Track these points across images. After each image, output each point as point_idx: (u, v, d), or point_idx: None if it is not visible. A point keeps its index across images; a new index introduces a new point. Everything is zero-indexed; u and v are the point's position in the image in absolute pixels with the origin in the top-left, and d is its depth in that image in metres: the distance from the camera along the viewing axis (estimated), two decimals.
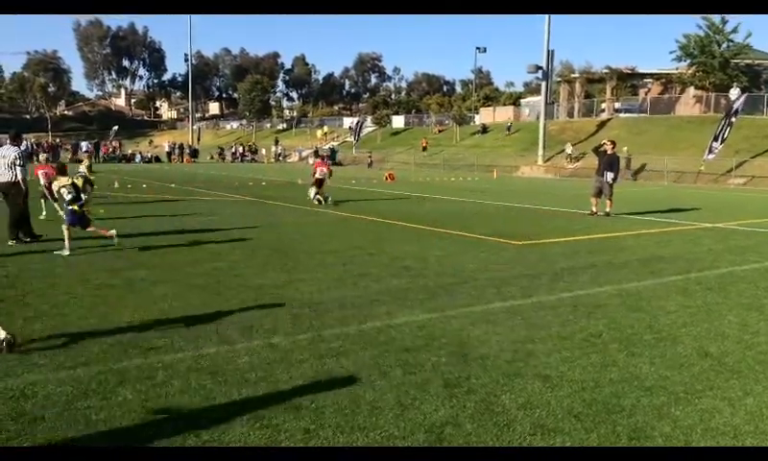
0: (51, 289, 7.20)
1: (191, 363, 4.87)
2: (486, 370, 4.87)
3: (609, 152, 16.21)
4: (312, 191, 18.20)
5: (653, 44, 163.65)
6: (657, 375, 4.84)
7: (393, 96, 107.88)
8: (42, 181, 13.74)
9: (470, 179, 36.22)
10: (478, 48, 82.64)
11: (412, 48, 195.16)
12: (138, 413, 3.97)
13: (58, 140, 63.76)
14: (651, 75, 55.05)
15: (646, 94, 54.08)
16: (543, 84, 44.72)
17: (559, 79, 56.89)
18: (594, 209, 16.16)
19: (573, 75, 57.11)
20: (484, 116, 64.19)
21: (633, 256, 10.16)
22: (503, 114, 62.05)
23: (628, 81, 55.57)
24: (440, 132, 62.65)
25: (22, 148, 11.66)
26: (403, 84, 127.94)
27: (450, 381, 4.61)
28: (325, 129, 73.15)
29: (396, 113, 75.99)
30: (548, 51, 42.90)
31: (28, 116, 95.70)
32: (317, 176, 18.13)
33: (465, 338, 5.65)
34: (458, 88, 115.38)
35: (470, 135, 57.93)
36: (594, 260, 9.72)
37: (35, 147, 50.28)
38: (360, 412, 4.05)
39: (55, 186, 10.39)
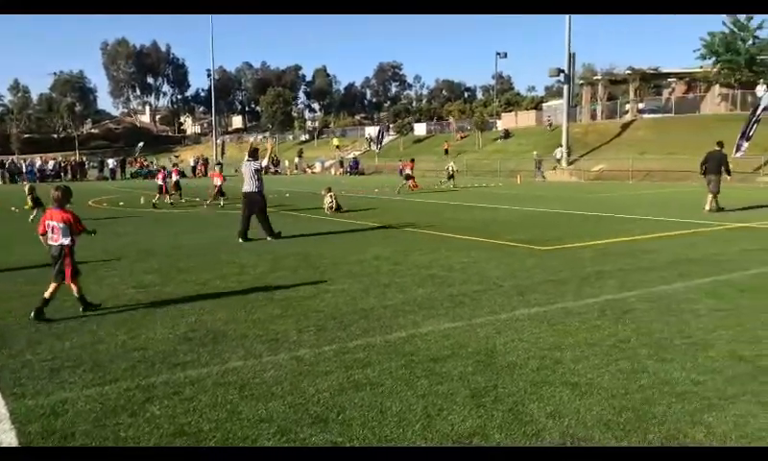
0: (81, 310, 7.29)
1: (217, 378, 4.89)
2: (513, 378, 4.81)
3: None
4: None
5: (675, 44, 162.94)
6: (688, 380, 4.74)
7: (414, 104, 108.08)
8: None
9: (494, 184, 36.02)
10: (498, 53, 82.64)
11: (432, 55, 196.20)
12: (167, 429, 3.99)
13: (84, 158, 64.82)
14: (674, 74, 54.34)
15: (670, 94, 53.39)
16: (566, 87, 44.29)
17: (581, 81, 56.33)
18: (708, 208, 17.57)
19: (596, 77, 56.58)
20: (506, 121, 63.94)
21: (661, 259, 10.00)
22: (525, 119, 61.75)
23: (651, 81, 54.96)
24: (462, 138, 62.50)
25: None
26: (424, 92, 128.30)
27: (477, 391, 4.56)
28: (336, 141, 72.94)
29: (418, 121, 76.07)
30: (569, 54, 42.58)
31: (55, 136, 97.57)
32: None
33: (491, 347, 5.60)
34: (479, 94, 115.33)
35: (493, 141, 57.69)
36: (621, 264, 9.58)
37: (60, 166, 51.40)
38: (387, 424, 4.03)
39: None
